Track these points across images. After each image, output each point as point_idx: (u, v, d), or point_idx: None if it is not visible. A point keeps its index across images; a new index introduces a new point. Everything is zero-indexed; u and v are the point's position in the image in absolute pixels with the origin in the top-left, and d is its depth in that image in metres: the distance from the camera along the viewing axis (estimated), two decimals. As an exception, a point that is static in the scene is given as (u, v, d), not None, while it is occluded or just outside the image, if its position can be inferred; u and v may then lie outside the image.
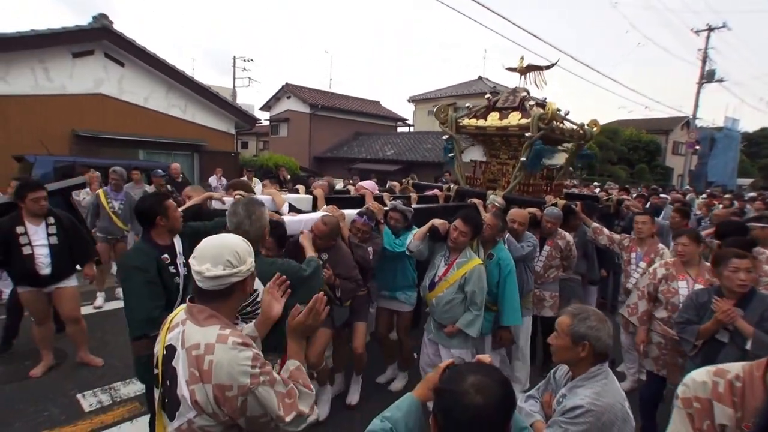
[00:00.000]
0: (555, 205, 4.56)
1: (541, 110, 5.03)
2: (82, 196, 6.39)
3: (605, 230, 4.53)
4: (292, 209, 3.40)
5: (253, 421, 1.35)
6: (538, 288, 4.29)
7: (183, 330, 1.39)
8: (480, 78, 24.66)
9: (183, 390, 1.31)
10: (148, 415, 2.77)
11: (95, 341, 4.30)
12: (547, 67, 5.96)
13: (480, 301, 3.16)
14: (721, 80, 23.79)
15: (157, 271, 2.35)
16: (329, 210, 3.34)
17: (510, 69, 6.22)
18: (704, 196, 13.20)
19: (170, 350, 1.40)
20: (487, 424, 1.08)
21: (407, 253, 3.47)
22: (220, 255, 1.38)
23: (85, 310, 4.89)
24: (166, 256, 2.45)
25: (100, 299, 5.57)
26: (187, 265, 2.05)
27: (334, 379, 3.74)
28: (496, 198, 4.61)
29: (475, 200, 4.48)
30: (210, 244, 1.43)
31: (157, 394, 1.47)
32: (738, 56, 66.51)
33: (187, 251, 2.51)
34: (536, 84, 5.98)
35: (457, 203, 5.13)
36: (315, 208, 3.77)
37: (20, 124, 10.06)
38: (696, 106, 23.32)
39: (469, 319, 3.16)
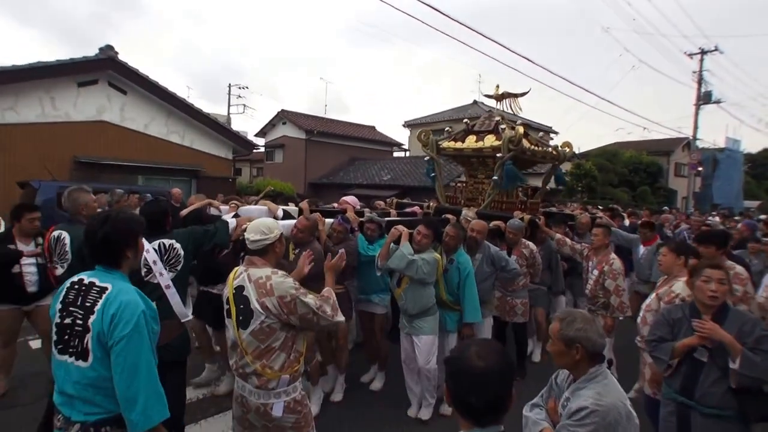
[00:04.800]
0: (522, 219, 5.27)
1: (511, 133, 5.88)
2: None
3: (568, 241, 5.21)
4: (287, 216, 4.27)
5: (303, 318, 2.28)
6: (509, 296, 4.94)
7: (247, 273, 2.34)
8: (475, 102, 25.52)
9: (255, 304, 2.25)
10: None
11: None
12: (521, 95, 6.87)
13: (419, 266, 3.71)
14: (718, 101, 24.74)
15: None
16: (315, 215, 4.16)
17: (487, 96, 7.15)
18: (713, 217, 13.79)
19: (239, 289, 2.33)
20: (489, 386, 1.30)
21: (378, 273, 4.08)
22: (257, 228, 2.41)
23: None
24: None
25: None
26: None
27: (327, 370, 4.32)
28: (468, 213, 5.30)
29: (450, 216, 5.24)
30: (253, 223, 2.50)
31: (231, 321, 2.36)
32: (733, 78, 69.44)
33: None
34: (512, 109, 6.88)
35: (435, 218, 5.91)
36: None
37: (24, 151, 10.92)
38: (696, 127, 24.11)
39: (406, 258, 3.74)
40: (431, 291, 3.90)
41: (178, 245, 2.99)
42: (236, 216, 4.03)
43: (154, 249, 2.85)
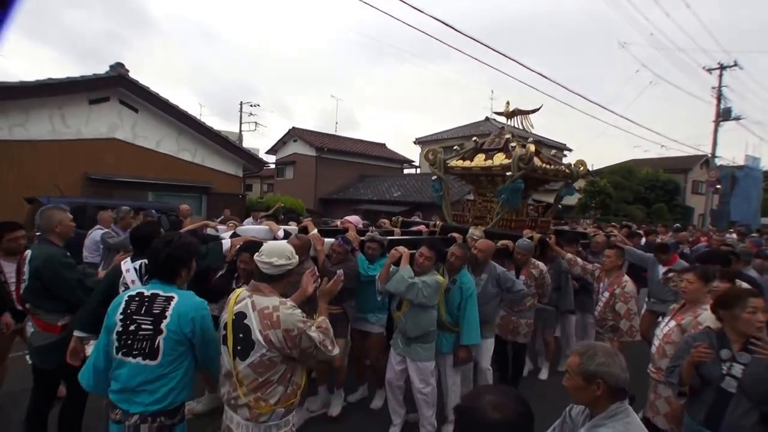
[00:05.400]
0: (531, 238, 5.13)
1: (522, 151, 5.77)
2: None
3: (579, 260, 5.06)
4: (287, 237, 4.14)
5: (304, 352, 2.18)
6: (514, 315, 4.79)
7: (252, 300, 2.21)
8: (487, 119, 25.50)
9: (257, 336, 2.13)
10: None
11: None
12: (532, 111, 6.78)
13: (420, 289, 3.56)
14: (738, 118, 24.30)
15: None
16: (313, 234, 4.07)
17: (497, 113, 7.07)
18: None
19: (240, 315, 2.19)
20: None
21: (378, 297, 4.00)
22: (283, 252, 2.29)
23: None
24: None
25: None
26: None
27: (317, 390, 4.29)
28: (474, 232, 5.18)
29: (456, 235, 5.12)
30: (276, 245, 2.37)
31: (226, 349, 2.24)
32: (753, 95, 67.70)
33: None
34: (523, 126, 6.79)
35: (441, 237, 5.79)
36: None
37: (34, 168, 10.93)
38: (714, 144, 23.71)
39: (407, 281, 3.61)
40: (433, 314, 3.75)
41: None
42: (234, 235, 3.93)
43: (135, 269, 2.85)
